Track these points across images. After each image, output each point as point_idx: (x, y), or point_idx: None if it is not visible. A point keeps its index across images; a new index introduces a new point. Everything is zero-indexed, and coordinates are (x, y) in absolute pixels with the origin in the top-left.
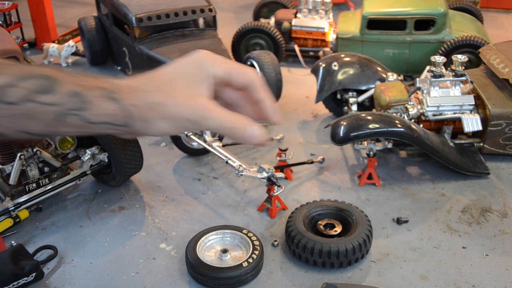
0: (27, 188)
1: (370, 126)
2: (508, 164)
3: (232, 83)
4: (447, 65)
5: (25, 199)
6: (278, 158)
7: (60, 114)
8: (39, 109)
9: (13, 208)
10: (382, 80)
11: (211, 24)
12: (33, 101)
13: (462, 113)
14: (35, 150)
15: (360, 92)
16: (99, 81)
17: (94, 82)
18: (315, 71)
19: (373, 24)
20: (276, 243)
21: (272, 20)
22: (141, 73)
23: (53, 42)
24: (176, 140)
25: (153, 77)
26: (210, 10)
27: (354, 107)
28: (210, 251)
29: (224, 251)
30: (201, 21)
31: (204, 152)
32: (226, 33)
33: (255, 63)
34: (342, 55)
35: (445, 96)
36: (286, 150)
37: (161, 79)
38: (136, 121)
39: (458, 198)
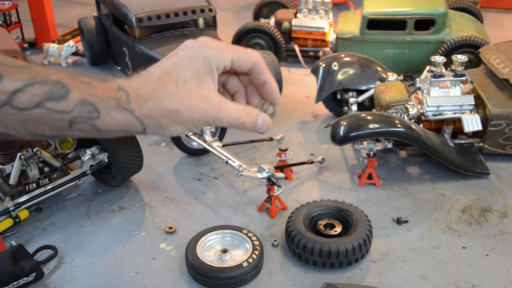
0: (27, 188)
1: (370, 126)
2: (508, 164)
3: (237, 69)
4: (447, 65)
5: (25, 199)
6: (278, 158)
7: (70, 121)
8: (49, 116)
9: (13, 208)
10: (382, 80)
11: (211, 24)
12: (43, 107)
13: (462, 113)
14: (35, 150)
15: (360, 92)
16: (111, 89)
17: (107, 91)
18: (315, 71)
19: (373, 24)
20: (276, 243)
21: (272, 20)
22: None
23: (53, 42)
24: (176, 140)
25: (164, 77)
26: (210, 10)
27: (354, 107)
28: (210, 251)
29: (224, 251)
30: (201, 21)
31: (204, 152)
32: (226, 33)
33: None
34: (342, 55)
35: (445, 96)
36: (286, 150)
37: (173, 78)
38: (149, 128)
39: (458, 198)
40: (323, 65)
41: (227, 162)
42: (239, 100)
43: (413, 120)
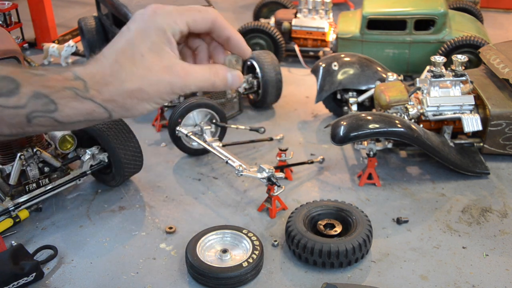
0: (27, 188)
1: (370, 126)
2: (508, 164)
3: (195, 31)
4: (447, 65)
5: (25, 199)
6: (278, 158)
7: (26, 116)
8: (2, 112)
9: (13, 208)
10: (382, 80)
11: None
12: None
13: (462, 113)
14: (35, 150)
15: (360, 92)
16: (66, 80)
17: (62, 82)
18: (315, 71)
19: (373, 24)
20: (276, 243)
21: (272, 20)
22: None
23: (53, 42)
24: (176, 140)
25: (119, 57)
26: None
27: (354, 107)
28: (210, 251)
29: (224, 251)
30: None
31: (204, 152)
32: None
33: (255, 63)
34: (342, 55)
35: (445, 96)
36: (286, 150)
37: (129, 56)
38: (115, 112)
39: (458, 198)
40: (323, 65)
41: (227, 162)
42: (201, 55)
43: (413, 120)
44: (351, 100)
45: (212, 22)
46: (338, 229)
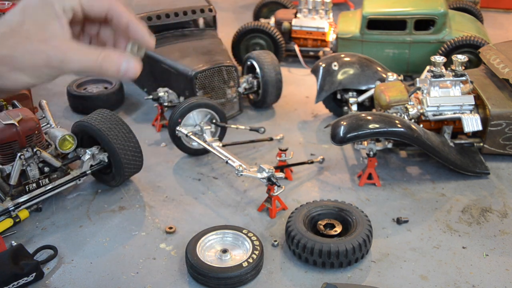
0: (27, 188)
1: (370, 126)
2: (508, 164)
3: (91, 15)
4: (447, 65)
5: (25, 199)
6: (278, 158)
7: None
8: None
9: (13, 208)
10: (382, 80)
11: (211, 24)
12: None
13: (462, 113)
14: (35, 150)
15: (360, 92)
16: None
17: None
18: (315, 71)
19: (373, 24)
20: (276, 243)
21: (272, 20)
22: None
23: None
24: (176, 140)
25: (1, 25)
26: (210, 10)
27: (354, 107)
28: (210, 251)
29: (224, 251)
30: (201, 21)
31: (204, 152)
32: (226, 33)
33: (255, 63)
34: (342, 55)
35: (445, 96)
36: (286, 150)
37: (9, 24)
38: None
39: (458, 198)
40: (323, 65)
41: (227, 162)
42: (106, 42)
43: (413, 120)
44: (351, 100)
45: (107, 7)
46: (338, 229)
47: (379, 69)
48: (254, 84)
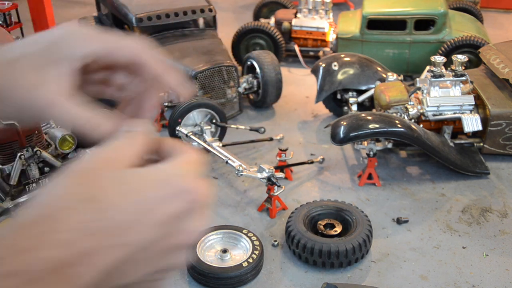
0: (27, 188)
1: (370, 126)
2: (508, 164)
3: (112, 63)
4: (447, 65)
5: (26, 199)
6: (278, 158)
7: None
8: None
9: (13, 208)
10: (382, 80)
11: (211, 24)
12: None
13: (462, 113)
14: (35, 150)
15: (360, 92)
16: None
17: None
18: (315, 71)
19: (373, 24)
20: (276, 243)
21: (272, 20)
22: None
23: None
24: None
25: None
26: (210, 10)
27: (354, 107)
28: (210, 251)
29: (224, 251)
30: (201, 21)
31: (204, 152)
32: (226, 33)
33: (255, 63)
34: (342, 55)
35: (445, 96)
36: (286, 150)
37: (6, 57)
38: None
39: (458, 198)
40: (323, 65)
41: (227, 162)
42: (136, 101)
43: (413, 120)
44: (351, 100)
45: (132, 56)
46: (338, 229)
47: (379, 69)
48: (254, 84)
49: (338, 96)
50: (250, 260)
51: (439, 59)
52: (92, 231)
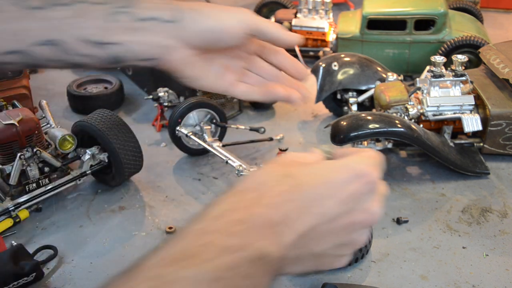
0: (27, 188)
1: (370, 126)
2: (508, 164)
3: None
4: (447, 65)
5: (25, 199)
6: None
7: (110, 13)
8: (90, 8)
9: (13, 208)
10: (382, 80)
11: None
12: (83, 2)
13: (462, 113)
14: (35, 150)
15: (360, 92)
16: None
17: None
18: (315, 71)
19: (373, 24)
20: None
21: (272, 20)
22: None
23: None
24: (176, 140)
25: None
26: None
27: (354, 107)
28: None
29: None
30: None
31: (204, 152)
32: None
33: None
34: (342, 55)
35: (445, 96)
36: (286, 150)
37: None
38: (186, 13)
39: (458, 198)
40: (323, 65)
41: (227, 162)
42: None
43: (413, 120)
44: (351, 100)
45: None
46: None
47: (379, 69)
48: None
49: (338, 96)
50: None
51: (439, 59)
52: (291, 199)
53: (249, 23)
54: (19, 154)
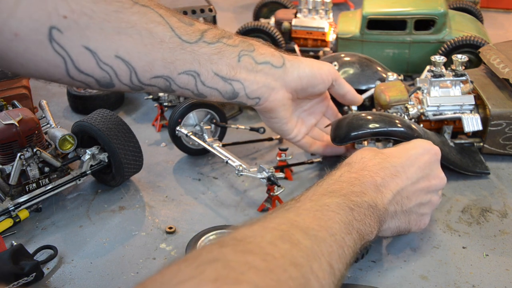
0: (27, 188)
1: (370, 125)
2: (508, 164)
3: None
4: (447, 65)
5: (25, 199)
6: (278, 158)
7: (238, 54)
8: (225, 48)
9: (13, 208)
10: (382, 80)
11: (211, 24)
12: (221, 42)
13: (462, 113)
14: (35, 150)
15: (360, 92)
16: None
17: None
18: None
19: (373, 24)
20: None
21: (272, 20)
22: None
23: None
24: (176, 140)
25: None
26: (210, 10)
27: (354, 107)
28: None
29: None
30: (201, 21)
31: (204, 152)
32: None
33: None
34: (342, 55)
35: (445, 96)
36: (286, 150)
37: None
38: (288, 61)
39: (458, 198)
40: None
41: (227, 162)
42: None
43: (413, 120)
44: None
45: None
46: None
47: (379, 69)
48: None
49: None
50: None
51: (439, 59)
52: (385, 167)
53: (334, 74)
54: (19, 154)
